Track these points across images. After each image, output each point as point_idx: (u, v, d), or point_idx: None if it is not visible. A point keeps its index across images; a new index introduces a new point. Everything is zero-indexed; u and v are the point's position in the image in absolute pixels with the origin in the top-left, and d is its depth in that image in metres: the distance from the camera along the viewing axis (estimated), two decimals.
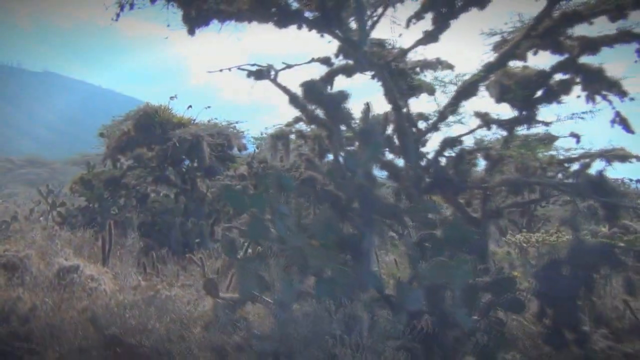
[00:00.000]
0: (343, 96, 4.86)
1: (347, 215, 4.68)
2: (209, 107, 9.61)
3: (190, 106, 10.91)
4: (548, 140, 7.72)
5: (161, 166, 10.55)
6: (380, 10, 5.68)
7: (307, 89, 5.02)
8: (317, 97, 5.03)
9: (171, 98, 9.94)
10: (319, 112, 5.28)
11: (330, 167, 4.68)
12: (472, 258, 4.61)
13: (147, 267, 6.79)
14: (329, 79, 6.81)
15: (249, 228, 3.65)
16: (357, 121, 6.13)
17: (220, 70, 6.07)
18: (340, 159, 4.70)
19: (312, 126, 6.48)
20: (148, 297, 4.25)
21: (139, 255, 7.39)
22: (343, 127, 5.93)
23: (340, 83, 7.11)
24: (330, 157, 6.76)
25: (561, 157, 6.86)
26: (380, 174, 6.46)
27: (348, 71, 6.71)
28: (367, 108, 4.43)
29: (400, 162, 6.27)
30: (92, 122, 10.94)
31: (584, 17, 5.60)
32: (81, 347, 3.51)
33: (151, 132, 9.96)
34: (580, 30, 6.29)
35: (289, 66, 6.15)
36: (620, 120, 6.83)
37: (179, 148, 9.46)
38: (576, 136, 7.60)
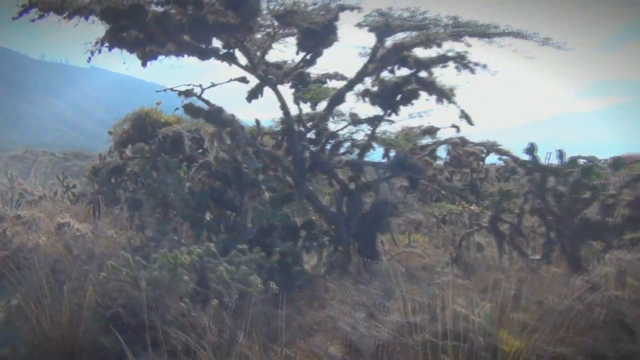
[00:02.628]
0: (218, 110, 7.47)
1: (231, 185, 7.33)
2: (177, 109, 12.12)
3: (178, 108, 13.68)
4: (431, 131, 10.08)
5: (156, 157, 13.42)
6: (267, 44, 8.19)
7: (185, 109, 7.69)
8: (195, 113, 7.68)
9: (157, 103, 12.67)
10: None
11: (216, 155, 7.29)
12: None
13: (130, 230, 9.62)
14: (258, 89, 9.38)
15: (146, 190, 6.35)
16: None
17: (165, 90, 8.77)
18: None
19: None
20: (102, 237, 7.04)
21: (127, 222, 10.26)
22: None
23: None
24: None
25: (421, 144, 9.24)
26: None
27: (271, 84, 9.27)
28: (233, 117, 7.01)
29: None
30: None
31: (408, 47, 7.95)
32: (57, 260, 6.30)
33: (144, 130, 12.78)
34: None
35: (213, 85, 8.78)
36: (465, 116, 9.15)
37: (163, 143, 12.22)
38: (456, 127, 9.93)
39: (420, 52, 8.45)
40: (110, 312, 4.02)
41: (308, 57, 8.29)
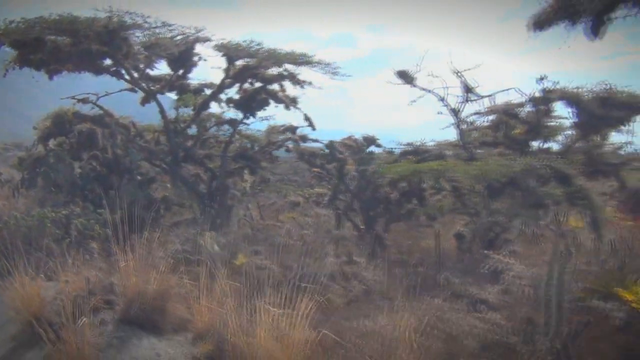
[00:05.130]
0: (101, 116, 10.00)
1: (113, 171, 9.84)
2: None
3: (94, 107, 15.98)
4: (291, 129, 12.80)
5: (74, 149, 15.70)
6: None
7: (75, 115, 10.18)
8: (82, 118, 10.19)
9: (73, 105, 14.91)
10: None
11: (104, 148, 9.80)
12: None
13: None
14: (148, 97, 11.84)
15: (42, 175, 8.84)
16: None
17: (67, 98, 11.20)
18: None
19: None
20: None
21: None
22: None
23: None
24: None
25: (273, 140, 11.98)
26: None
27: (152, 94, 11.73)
28: (113, 121, 9.57)
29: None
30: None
31: (252, 68, 10.62)
32: None
33: (63, 126, 15.03)
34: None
35: (107, 94, 11.24)
36: (307, 120, 11.93)
37: (79, 137, 14.53)
38: (311, 126, 12.67)
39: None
40: (2, 247, 6.54)
41: (180, 73, 10.86)
